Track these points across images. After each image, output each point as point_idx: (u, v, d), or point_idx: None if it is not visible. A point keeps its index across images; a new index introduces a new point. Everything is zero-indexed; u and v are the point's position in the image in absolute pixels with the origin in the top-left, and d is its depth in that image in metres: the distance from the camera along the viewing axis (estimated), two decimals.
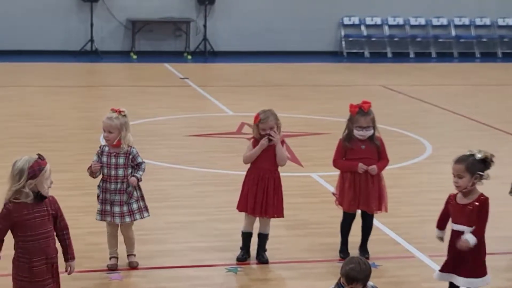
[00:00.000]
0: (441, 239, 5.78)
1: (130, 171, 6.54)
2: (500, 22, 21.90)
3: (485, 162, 5.54)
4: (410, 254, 7.24)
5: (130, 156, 6.53)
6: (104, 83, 17.04)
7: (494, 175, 5.69)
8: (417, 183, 9.62)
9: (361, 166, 6.82)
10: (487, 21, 21.85)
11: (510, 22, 21.90)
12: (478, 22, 21.81)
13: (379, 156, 6.96)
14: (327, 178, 9.33)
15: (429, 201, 8.61)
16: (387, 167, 7.07)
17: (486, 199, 5.56)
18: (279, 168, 6.92)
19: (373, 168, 6.84)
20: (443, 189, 5.67)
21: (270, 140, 6.76)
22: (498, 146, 11.25)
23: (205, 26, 20.61)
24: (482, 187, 5.61)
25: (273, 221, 7.00)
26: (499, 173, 8.49)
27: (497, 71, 19.72)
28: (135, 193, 6.57)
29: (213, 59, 20.55)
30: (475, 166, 5.52)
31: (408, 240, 7.53)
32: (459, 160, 5.59)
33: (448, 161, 10.18)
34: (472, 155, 5.56)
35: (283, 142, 6.88)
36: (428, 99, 15.13)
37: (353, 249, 7.10)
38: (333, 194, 7.27)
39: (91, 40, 20.15)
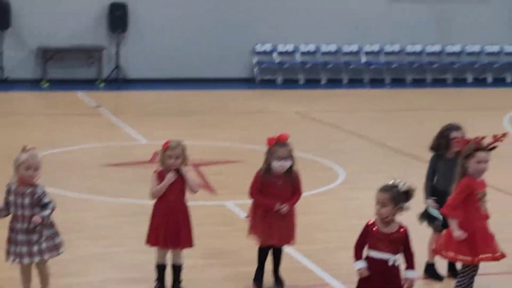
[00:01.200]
0: (366, 270, 5.81)
1: (38, 210, 6.34)
2: (409, 48, 22.40)
3: (408, 194, 5.69)
4: (324, 282, 7.31)
5: (36, 196, 6.36)
6: (15, 112, 16.74)
7: None
8: (331, 210, 9.72)
9: (277, 207, 6.90)
10: (396, 48, 22.31)
11: (419, 48, 22.42)
12: (387, 48, 22.26)
13: (293, 190, 7.04)
14: (242, 207, 9.35)
15: (343, 227, 8.70)
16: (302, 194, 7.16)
17: (406, 228, 5.74)
18: (194, 196, 6.94)
19: (285, 209, 6.91)
20: (357, 215, 5.78)
21: (177, 171, 6.77)
22: (410, 170, 11.45)
23: (117, 53, 20.50)
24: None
25: (188, 251, 6.98)
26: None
27: (407, 96, 20.14)
28: (45, 231, 6.41)
29: (126, 87, 20.44)
30: (399, 197, 5.67)
31: (323, 267, 7.59)
32: (384, 189, 5.73)
33: (362, 186, 10.37)
34: (396, 186, 5.70)
35: (193, 168, 6.88)
36: (341, 125, 15.35)
37: (269, 277, 7.14)
38: (246, 217, 7.31)
39: (1, 68, 19.82)
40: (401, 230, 5.73)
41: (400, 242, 5.71)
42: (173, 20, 20.94)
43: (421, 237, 7.17)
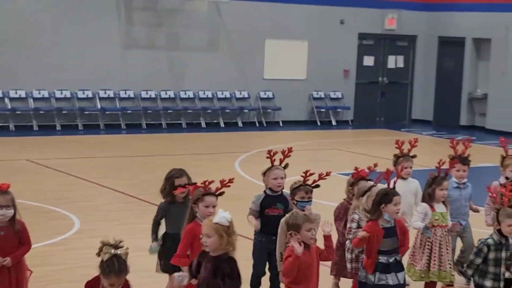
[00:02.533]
0: None
1: None
2: (144, 94, 22.62)
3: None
4: None
5: None
6: None
7: (144, 247, 5.78)
8: (67, 260, 9.52)
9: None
10: (131, 94, 22.45)
11: (153, 94, 22.70)
12: (122, 94, 22.33)
13: (21, 241, 6.75)
14: None
15: (81, 278, 8.51)
16: (35, 245, 6.93)
17: None
18: None
19: (7, 262, 6.61)
20: (94, 264, 5.66)
21: None
22: (145, 217, 11.51)
23: None
24: None
25: None
26: (147, 244, 8.63)
27: (141, 141, 20.26)
28: None
29: None
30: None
31: None
32: None
33: (97, 235, 10.18)
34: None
35: None
36: (75, 173, 15.12)
37: None
38: None
39: None
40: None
41: None
42: None
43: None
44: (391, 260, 7.21)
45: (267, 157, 8.07)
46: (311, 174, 7.72)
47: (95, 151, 18.25)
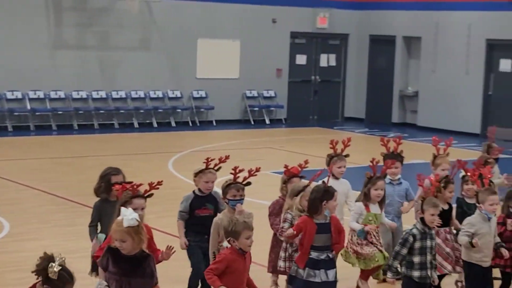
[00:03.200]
0: None
1: None
2: (75, 95, 22.31)
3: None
4: None
5: None
6: None
7: (76, 249, 5.67)
8: None
9: None
10: (61, 94, 22.11)
11: (84, 95, 22.40)
12: (53, 95, 21.99)
13: None
14: None
15: (11, 282, 8.37)
16: None
17: None
18: None
19: None
20: (25, 267, 5.52)
21: None
22: (77, 218, 11.36)
23: None
24: None
25: None
26: (78, 247, 8.52)
27: (73, 143, 19.97)
28: None
29: None
30: None
31: None
32: None
33: (28, 238, 10.03)
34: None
35: None
36: (5, 175, 14.82)
37: None
38: None
39: None
40: None
41: None
42: None
43: None
44: (322, 257, 7.22)
45: (204, 162, 8.03)
46: (240, 171, 7.73)
47: (25, 153, 17.93)
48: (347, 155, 9.34)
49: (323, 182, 7.66)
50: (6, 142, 19.68)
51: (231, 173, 7.75)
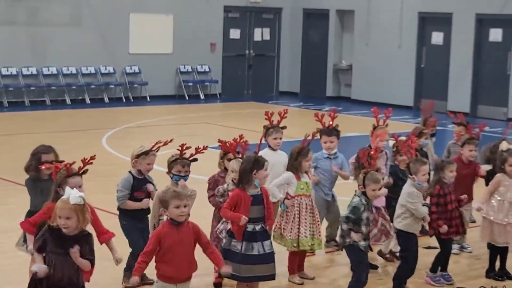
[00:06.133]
0: None
1: None
2: (4, 71, 21.84)
3: None
4: None
5: None
6: None
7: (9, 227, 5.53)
8: None
9: None
10: None
11: (14, 71, 21.94)
12: None
13: None
14: None
15: None
16: None
17: None
18: None
19: None
20: None
21: None
22: (10, 197, 11.15)
23: None
24: None
25: None
26: (11, 226, 8.34)
27: (4, 121, 19.54)
28: None
29: None
30: None
31: None
32: None
33: None
34: None
35: None
36: None
37: None
38: None
39: None
40: None
41: None
42: None
43: None
44: (257, 228, 7.22)
45: (178, 149, 7.77)
46: (187, 148, 7.65)
47: None
48: (284, 127, 9.25)
49: (254, 152, 7.63)
50: None
51: (178, 149, 7.66)
